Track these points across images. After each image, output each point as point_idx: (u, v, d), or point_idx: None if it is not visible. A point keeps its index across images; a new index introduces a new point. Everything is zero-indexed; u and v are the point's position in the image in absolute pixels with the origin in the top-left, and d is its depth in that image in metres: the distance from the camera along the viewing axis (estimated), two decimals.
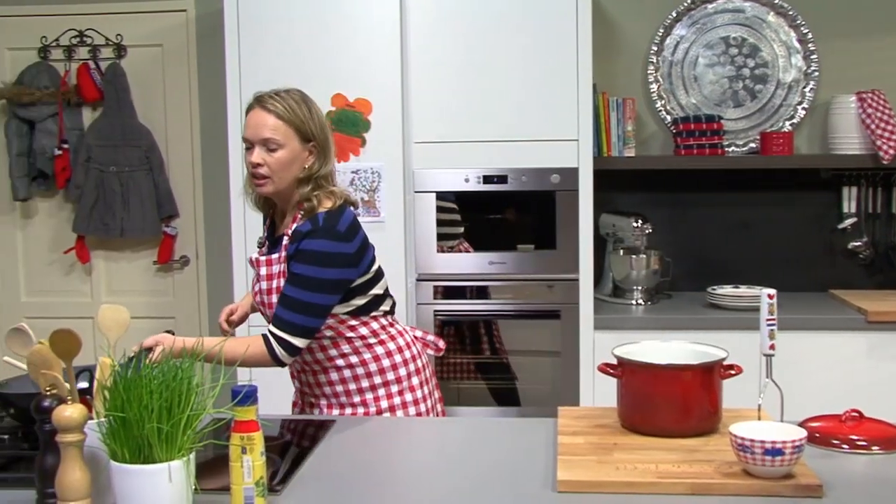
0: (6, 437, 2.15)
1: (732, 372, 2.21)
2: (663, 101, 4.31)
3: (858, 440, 2.14)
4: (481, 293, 3.88)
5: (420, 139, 3.83)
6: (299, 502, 1.89)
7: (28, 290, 4.66)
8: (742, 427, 1.92)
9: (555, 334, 3.85)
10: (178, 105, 4.50)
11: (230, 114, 3.81)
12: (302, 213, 2.44)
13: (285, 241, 2.45)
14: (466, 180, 3.83)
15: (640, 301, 4.05)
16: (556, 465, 2.00)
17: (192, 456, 1.69)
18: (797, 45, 4.24)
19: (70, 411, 1.67)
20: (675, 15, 4.28)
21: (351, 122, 3.78)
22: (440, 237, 3.85)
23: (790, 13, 4.22)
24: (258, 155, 2.41)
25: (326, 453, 2.18)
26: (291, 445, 2.25)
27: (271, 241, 2.57)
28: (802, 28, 4.22)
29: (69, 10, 4.48)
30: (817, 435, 2.16)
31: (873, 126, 3.99)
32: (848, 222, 4.21)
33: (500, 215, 3.92)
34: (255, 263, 2.53)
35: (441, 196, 3.85)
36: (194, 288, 4.57)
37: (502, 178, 3.83)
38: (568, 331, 3.82)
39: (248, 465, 1.72)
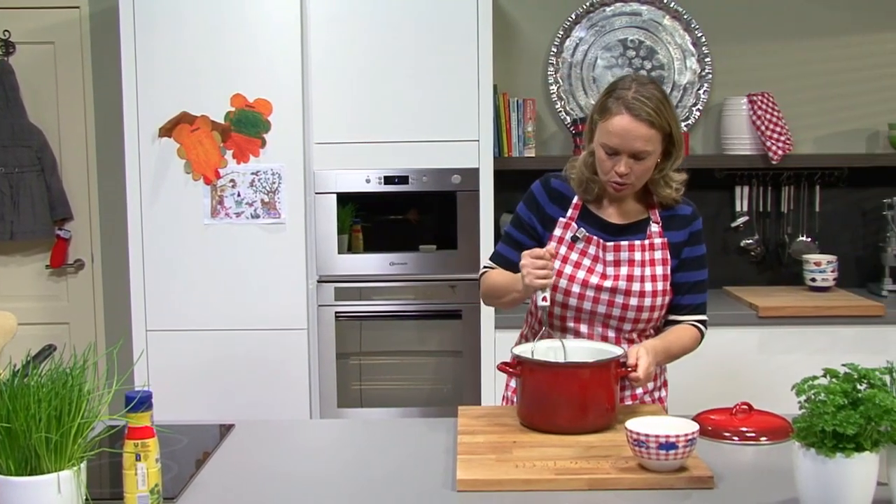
0: None
1: (628, 369, 2.25)
2: (563, 102, 4.37)
3: (748, 432, 2.21)
4: (382, 294, 3.87)
5: (321, 140, 3.80)
6: None
7: None
8: (637, 422, 1.96)
9: (456, 334, 3.87)
10: (71, 104, 4.38)
11: (126, 114, 3.72)
12: (657, 197, 2.44)
13: (654, 227, 2.43)
14: (367, 181, 3.82)
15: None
16: (455, 464, 2.01)
17: (84, 465, 1.64)
18: (692, 47, 4.34)
19: None
20: (574, 17, 4.34)
21: (251, 123, 3.73)
22: None
23: (685, 17, 4.32)
24: (626, 165, 2.31)
25: (225, 458, 2.15)
26: (189, 451, 2.21)
27: (600, 225, 2.45)
28: (696, 31, 4.32)
29: None
30: (710, 428, 2.22)
31: (763, 127, 4.11)
32: (740, 221, 4.33)
33: (401, 216, 3.93)
34: (607, 248, 2.41)
35: (342, 197, 3.83)
36: (89, 292, 4.45)
37: (403, 179, 3.83)
38: (469, 331, 3.84)
39: (143, 472, 1.69)
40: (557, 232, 2.46)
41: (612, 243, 2.42)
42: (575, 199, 2.46)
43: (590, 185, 2.44)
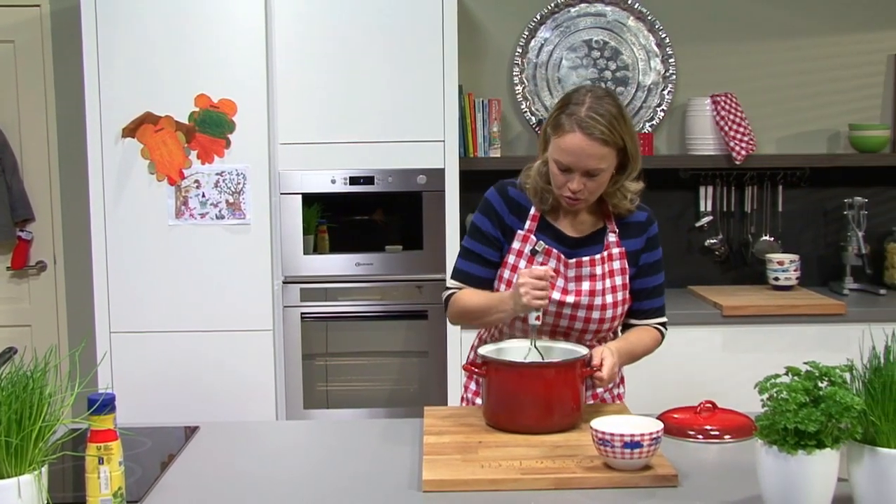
0: None
1: (592, 369, 2.26)
2: (528, 103, 4.38)
3: (712, 430, 2.23)
4: (349, 294, 3.87)
5: (286, 140, 3.79)
6: None
7: None
8: (602, 422, 1.97)
9: (422, 334, 3.87)
10: (32, 104, 4.33)
11: (88, 114, 3.68)
12: (613, 207, 2.44)
13: (612, 237, 2.41)
14: (333, 181, 3.81)
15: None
16: (421, 465, 2.01)
17: (45, 469, 1.63)
18: (656, 48, 4.37)
19: None
20: (539, 18, 4.35)
21: (215, 123, 3.71)
22: None
23: (649, 18, 4.35)
24: (579, 182, 2.29)
25: (190, 461, 2.14)
26: (154, 454, 2.19)
27: (558, 237, 2.42)
28: (661, 32, 4.35)
29: None
30: (674, 426, 2.23)
31: (727, 128, 4.14)
32: (704, 220, 4.36)
33: (367, 216, 3.92)
34: (569, 265, 2.38)
35: (308, 198, 3.82)
36: (52, 294, 4.40)
37: (369, 180, 3.82)
38: (435, 331, 3.84)
39: (106, 475, 1.68)
40: (516, 245, 2.43)
41: (573, 259, 2.40)
42: (532, 211, 2.44)
43: (545, 195, 2.42)
